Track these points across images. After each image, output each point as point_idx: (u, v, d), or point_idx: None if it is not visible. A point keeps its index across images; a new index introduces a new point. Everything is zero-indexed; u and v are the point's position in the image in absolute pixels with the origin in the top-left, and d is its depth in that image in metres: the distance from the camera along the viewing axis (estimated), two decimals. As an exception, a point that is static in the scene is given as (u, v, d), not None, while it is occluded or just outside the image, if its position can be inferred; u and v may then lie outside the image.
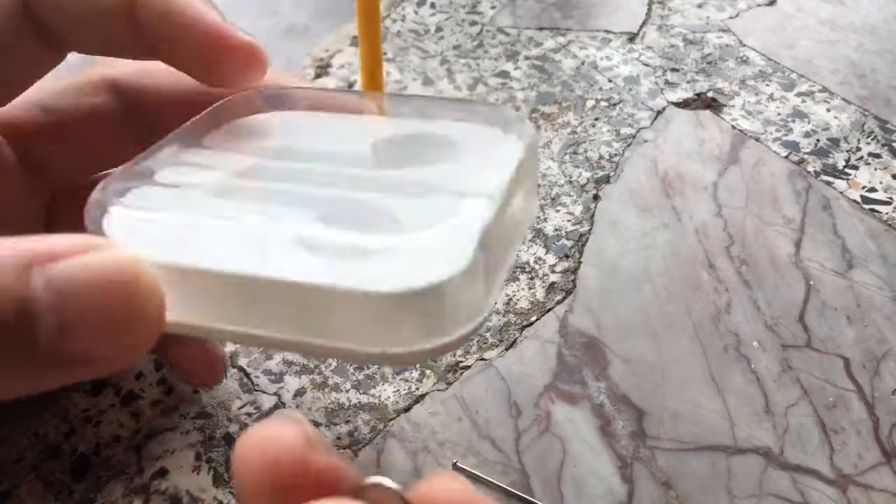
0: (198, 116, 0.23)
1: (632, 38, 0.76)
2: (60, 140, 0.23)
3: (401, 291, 0.15)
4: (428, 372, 0.49)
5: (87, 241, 0.16)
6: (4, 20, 0.22)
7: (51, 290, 0.15)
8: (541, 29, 0.77)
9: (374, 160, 0.21)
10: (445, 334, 0.16)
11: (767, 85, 0.70)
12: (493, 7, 0.80)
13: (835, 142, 0.64)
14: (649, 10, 0.79)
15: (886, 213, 0.59)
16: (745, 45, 0.75)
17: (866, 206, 0.59)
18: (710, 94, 0.69)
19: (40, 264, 0.15)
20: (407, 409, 0.47)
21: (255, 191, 0.20)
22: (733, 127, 0.66)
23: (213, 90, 0.23)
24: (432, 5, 0.80)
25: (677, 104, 0.68)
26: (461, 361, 0.49)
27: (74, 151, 0.23)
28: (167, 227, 0.18)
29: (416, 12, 0.79)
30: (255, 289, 0.16)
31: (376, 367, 0.49)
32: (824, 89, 0.70)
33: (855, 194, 0.60)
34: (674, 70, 0.72)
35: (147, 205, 0.19)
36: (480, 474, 0.43)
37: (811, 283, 0.53)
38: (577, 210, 0.59)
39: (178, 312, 0.17)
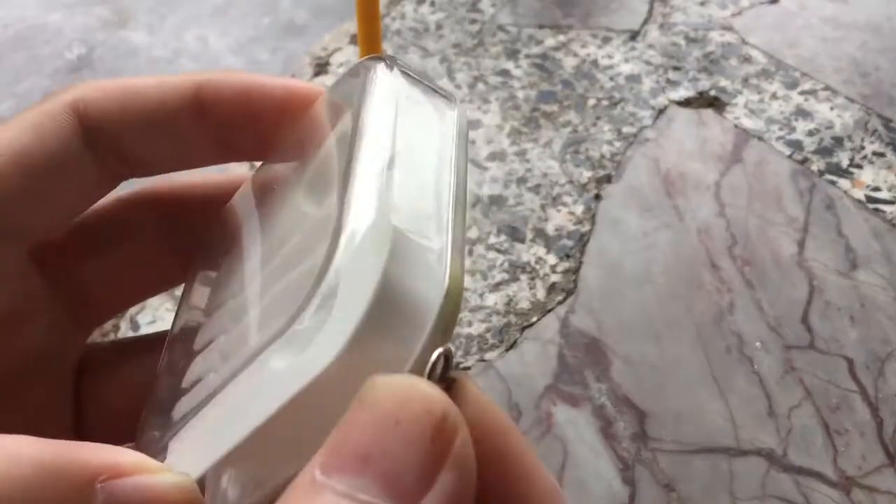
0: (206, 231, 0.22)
1: (633, 36, 0.75)
2: (32, 198, 0.21)
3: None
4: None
5: (144, 461, 0.16)
6: (64, 144, 0.21)
7: None
8: (541, 27, 0.76)
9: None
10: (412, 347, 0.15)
11: (770, 83, 0.70)
12: (493, 5, 0.79)
13: (838, 140, 0.64)
14: (651, 7, 0.79)
15: (891, 213, 0.58)
16: (747, 44, 0.74)
17: (870, 206, 0.59)
18: (712, 93, 0.69)
19: (103, 480, 0.15)
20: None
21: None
22: (736, 126, 0.66)
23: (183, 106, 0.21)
24: (432, 3, 0.79)
25: (679, 103, 0.68)
26: (461, 363, 0.49)
27: (45, 208, 0.21)
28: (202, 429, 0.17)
29: (415, 10, 0.79)
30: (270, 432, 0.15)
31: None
32: (827, 87, 0.69)
33: (859, 193, 0.60)
34: (676, 68, 0.71)
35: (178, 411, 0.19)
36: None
37: (815, 283, 0.53)
38: (579, 210, 0.58)
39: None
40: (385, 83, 0.17)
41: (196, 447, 0.17)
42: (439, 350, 0.13)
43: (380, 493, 0.12)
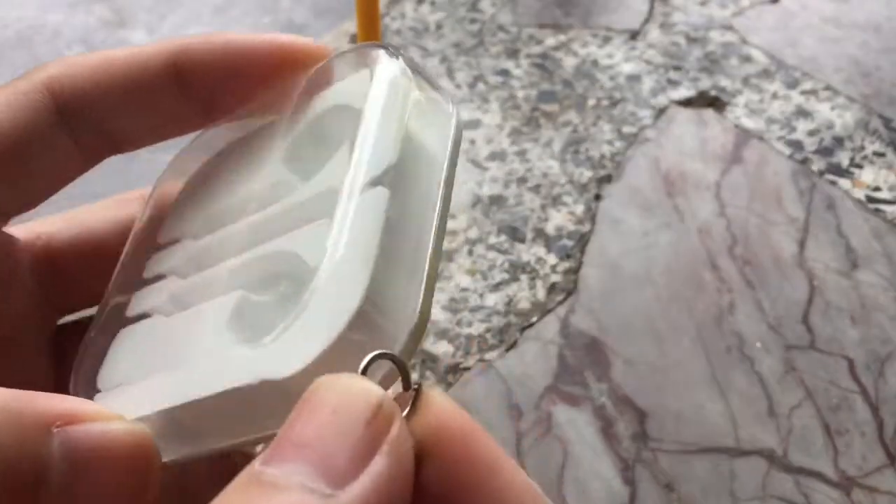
0: (149, 203, 0.22)
1: (634, 35, 0.75)
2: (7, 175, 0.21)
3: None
4: (427, 373, 0.48)
5: (101, 410, 0.16)
6: (36, 120, 0.20)
7: (67, 456, 0.15)
8: (542, 27, 0.76)
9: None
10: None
11: (771, 83, 0.70)
12: (493, 5, 0.79)
13: (839, 140, 0.64)
14: (651, 7, 0.79)
15: (891, 213, 0.58)
16: (748, 43, 0.74)
17: (871, 206, 0.59)
18: (712, 93, 0.69)
19: (59, 426, 0.15)
20: (406, 411, 0.46)
21: (192, 289, 0.19)
22: (736, 126, 0.66)
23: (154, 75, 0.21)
24: (432, 3, 0.79)
25: (680, 103, 0.68)
26: (461, 363, 0.49)
27: (21, 185, 0.21)
28: (139, 376, 0.18)
29: (415, 10, 0.79)
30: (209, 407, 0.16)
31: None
32: (828, 87, 0.69)
33: (859, 193, 0.60)
34: (676, 68, 0.71)
35: (121, 355, 0.19)
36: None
37: (815, 283, 0.53)
38: (579, 210, 0.58)
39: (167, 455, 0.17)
40: (391, 76, 0.17)
41: (140, 395, 0.17)
42: (374, 353, 0.14)
43: (312, 475, 0.12)
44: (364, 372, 0.14)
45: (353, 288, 0.15)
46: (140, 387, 0.17)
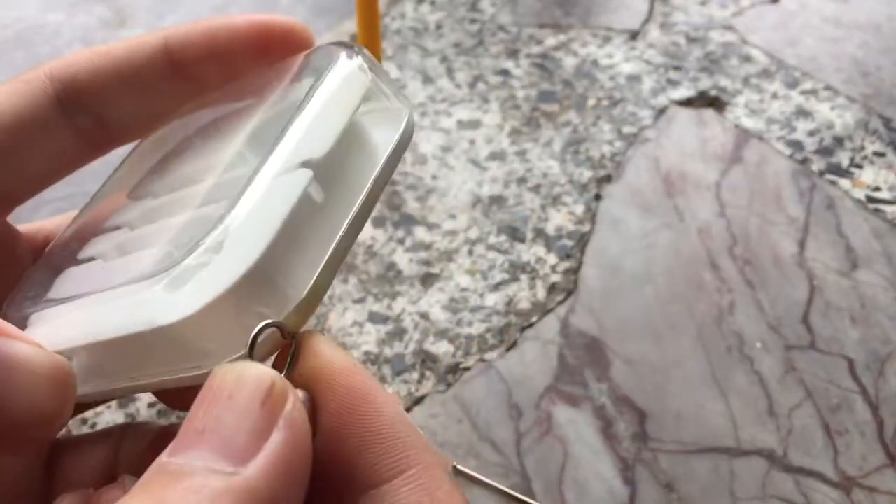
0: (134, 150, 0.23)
1: (634, 35, 0.75)
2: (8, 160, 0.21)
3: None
4: (427, 373, 0.48)
5: (5, 327, 0.17)
6: (36, 105, 0.21)
7: None
8: (542, 26, 0.76)
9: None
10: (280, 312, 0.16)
11: (771, 83, 0.70)
12: (493, 5, 0.79)
13: (839, 140, 0.64)
14: (651, 7, 0.79)
15: (891, 213, 0.58)
16: (748, 43, 0.74)
17: (871, 206, 0.59)
18: (712, 93, 0.69)
19: None
20: (406, 411, 0.46)
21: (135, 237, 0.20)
22: (736, 126, 0.66)
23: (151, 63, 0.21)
24: (432, 3, 0.79)
25: (680, 103, 0.68)
26: (461, 363, 0.49)
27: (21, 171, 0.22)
28: (74, 311, 0.19)
29: (415, 10, 0.79)
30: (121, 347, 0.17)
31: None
32: (828, 87, 0.69)
33: (859, 193, 0.60)
34: (676, 68, 0.71)
35: (59, 289, 0.20)
36: (481, 477, 0.43)
37: (815, 283, 0.53)
38: (579, 209, 0.58)
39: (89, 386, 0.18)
40: (345, 73, 0.19)
41: (61, 326, 0.18)
42: (264, 323, 0.15)
43: (214, 458, 0.13)
44: (254, 342, 0.15)
45: (248, 253, 0.16)
46: (64, 321, 0.18)
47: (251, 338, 0.15)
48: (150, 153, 0.22)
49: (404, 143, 0.19)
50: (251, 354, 0.15)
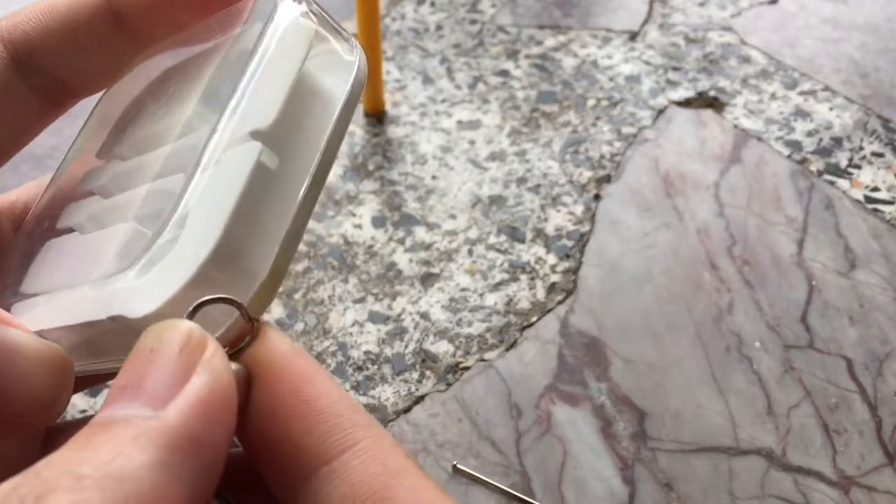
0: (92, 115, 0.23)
1: (633, 36, 0.75)
2: None
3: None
4: (427, 373, 0.48)
5: (22, 324, 0.17)
6: None
7: None
8: (541, 27, 0.77)
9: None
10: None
11: (769, 84, 0.70)
12: (493, 5, 0.79)
13: (837, 141, 0.64)
14: (651, 8, 0.79)
15: (889, 213, 0.58)
16: (746, 44, 0.74)
17: (869, 206, 0.59)
18: (711, 93, 0.69)
19: None
20: (407, 411, 0.46)
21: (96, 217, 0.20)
22: (735, 126, 0.66)
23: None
24: (432, 4, 0.79)
25: (679, 103, 0.68)
26: (461, 362, 0.49)
27: None
28: (50, 296, 0.19)
29: (415, 10, 0.79)
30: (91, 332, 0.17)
31: (372, 365, 0.49)
32: (827, 88, 0.69)
33: (858, 194, 0.60)
34: (675, 69, 0.71)
35: (42, 265, 0.20)
36: (481, 476, 0.43)
37: (814, 283, 0.53)
38: (578, 210, 0.58)
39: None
40: (289, 21, 0.18)
41: (46, 310, 0.18)
42: (198, 301, 0.15)
43: (135, 406, 0.14)
44: (193, 315, 0.15)
45: (202, 246, 0.16)
46: (47, 301, 0.18)
47: (193, 305, 0.15)
48: (113, 108, 0.22)
49: (357, 90, 0.18)
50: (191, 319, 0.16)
